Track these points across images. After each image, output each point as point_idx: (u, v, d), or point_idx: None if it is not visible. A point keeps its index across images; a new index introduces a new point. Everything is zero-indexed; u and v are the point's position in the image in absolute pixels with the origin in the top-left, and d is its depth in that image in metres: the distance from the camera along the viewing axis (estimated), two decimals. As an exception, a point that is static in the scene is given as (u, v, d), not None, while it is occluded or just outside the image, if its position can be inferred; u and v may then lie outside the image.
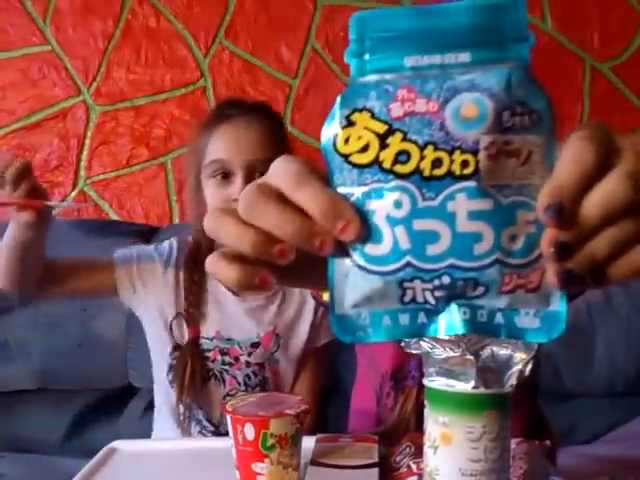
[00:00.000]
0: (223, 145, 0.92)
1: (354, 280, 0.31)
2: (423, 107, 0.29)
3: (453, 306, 0.31)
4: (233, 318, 0.98)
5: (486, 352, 0.48)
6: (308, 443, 0.61)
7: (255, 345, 0.97)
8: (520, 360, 0.47)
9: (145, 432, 1.02)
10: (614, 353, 1.23)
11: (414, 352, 0.48)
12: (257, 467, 0.57)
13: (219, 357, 0.97)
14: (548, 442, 0.62)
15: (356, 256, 0.30)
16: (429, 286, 0.30)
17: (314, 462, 0.58)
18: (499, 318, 0.31)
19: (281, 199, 0.30)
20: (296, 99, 1.53)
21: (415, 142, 0.29)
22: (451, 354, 0.47)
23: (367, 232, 0.30)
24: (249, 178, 0.88)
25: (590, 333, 1.24)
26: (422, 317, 0.31)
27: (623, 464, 0.73)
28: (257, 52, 1.54)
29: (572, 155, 0.28)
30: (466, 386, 0.46)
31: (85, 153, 1.54)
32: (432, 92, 0.29)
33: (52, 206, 0.85)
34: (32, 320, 1.28)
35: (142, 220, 1.52)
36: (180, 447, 0.76)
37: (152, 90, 1.53)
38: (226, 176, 0.92)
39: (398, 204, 0.29)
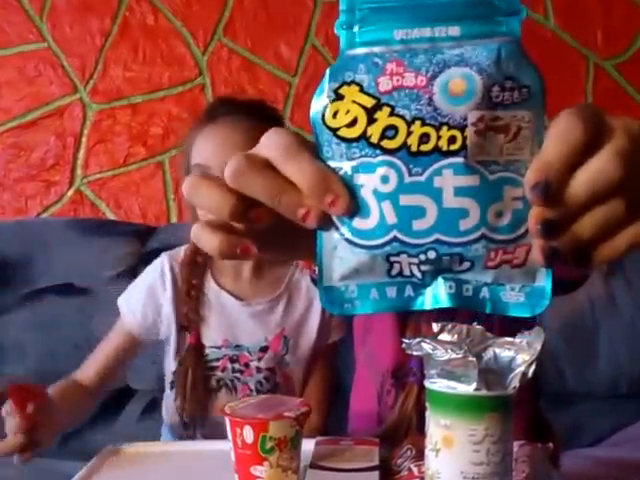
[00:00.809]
0: (205, 148, 0.90)
1: (342, 253, 0.31)
2: (412, 81, 0.29)
3: (439, 280, 0.31)
4: (239, 324, 0.96)
5: (488, 354, 0.48)
6: (308, 446, 0.61)
7: (264, 349, 0.95)
8: (523, 362, 0.47)
9: (143, 434, 1.02)
10: (618, 354, 1.23)
11: (415, 353, 0.48)
12: (256, 470, 0.56)
13: (229, 365, 0.94)
14: (551, 445, 0.61)
15: (344, 229, 0.31)
16: (415, 260, 0.30)
17: (314, 465, 0.58)
18: (485, 292, 0.31)
19: (270, 169, 0.30)
20: (296, 97, 1.53)
21: (403, 117, 0.29)
22: (453, 356, 0.46)
23: (355, 206, 0.30)
24: None
25: (593, 334, 1.24)
26: (409, 290, 0.31)
27: (627, 467, 0.73)
28: (256, 50, 1.53)
29: (561, 132, 0.28)
30: (468, 388, 0.45)
31: (82, 152, 1.53)
32: (421, 66, 0.29)
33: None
34: (28, 321, 1.27)
35: (139, 219, 1.51)
36: (179, 450, 0.76)
37: (150, 88, 1.53)
38: None
39: (385, 179, 0.29)
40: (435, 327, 0.50)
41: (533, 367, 0.47)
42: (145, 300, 0.96)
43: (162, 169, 1.53)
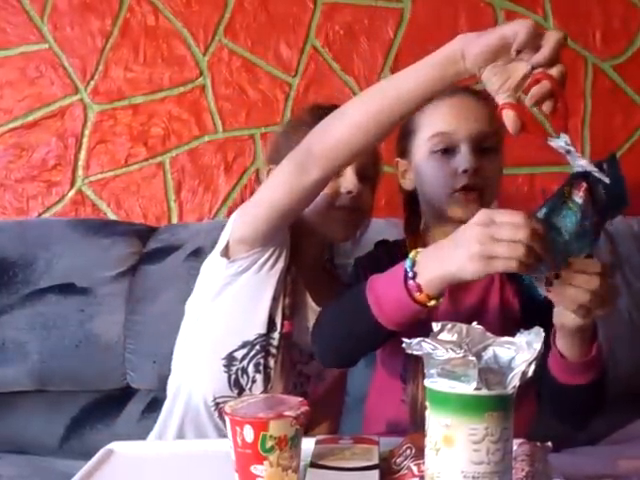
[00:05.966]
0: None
1: None
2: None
3: None
4: (306, 325, 0.92)
5: (488, 353, 0.48)
6: (308, 445, 0.61)
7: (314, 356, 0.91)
8: (522, 361, 0.47)
9: (143, 434, 1.02)
10: (617, 354, 1.23)
11: (416, 353, 0.48)
12: (256, 469, 0.56)
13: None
14: (549, 444, 0.61)
15: None
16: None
17: (314, 464, 0.58)
18: None
19: None
20: (296, 97, 1.53)
21: None
22: (453, 355, 0.46)
23: None
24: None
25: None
26: None
27: (626, 465, 0.73)
28: (256, 50, 1.53)
29: None
30: (468, 387, 0.45)
31: (83, 152, 1.53)
32: None
33: None
34: (30, 321, 1.27)
35: (140, 220, 1.51)
36: (178, 449, 0.76)
37: (150, 89, 1.53)
38: None
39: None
40: (435, 326, 0.50)
41: (533, 366, 0.47)
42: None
43: (163, 169, 1.53)
